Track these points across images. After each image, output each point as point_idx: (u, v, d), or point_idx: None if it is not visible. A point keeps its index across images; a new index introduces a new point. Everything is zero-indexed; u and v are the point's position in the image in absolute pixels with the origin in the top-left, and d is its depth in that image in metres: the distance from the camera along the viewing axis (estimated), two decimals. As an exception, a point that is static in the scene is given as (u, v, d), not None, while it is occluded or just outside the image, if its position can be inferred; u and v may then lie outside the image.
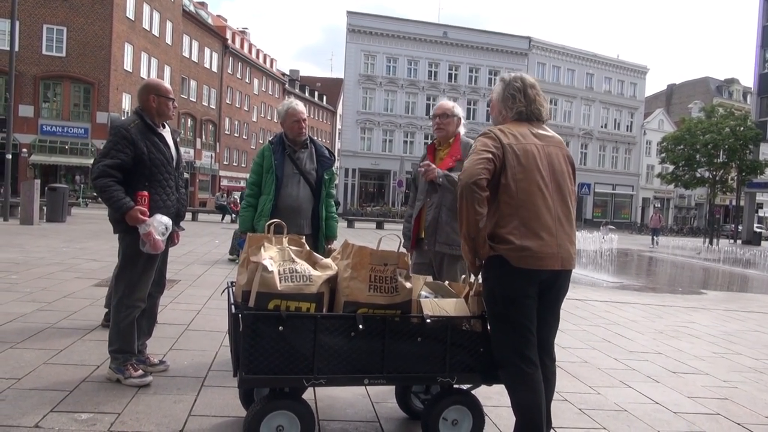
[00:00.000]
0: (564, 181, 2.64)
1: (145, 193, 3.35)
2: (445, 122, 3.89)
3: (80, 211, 23.09)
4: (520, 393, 2.57)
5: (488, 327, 2.72)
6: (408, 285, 2.69)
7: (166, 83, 3.69)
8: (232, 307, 2.65)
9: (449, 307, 2.76)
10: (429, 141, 4.60)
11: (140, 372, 3.45)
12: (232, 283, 2.91)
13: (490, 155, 2.51)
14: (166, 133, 3.62)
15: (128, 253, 3.43)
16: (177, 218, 3.66)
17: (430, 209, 3.77)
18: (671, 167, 41.96)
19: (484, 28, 67.18)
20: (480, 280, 2.74)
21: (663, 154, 41.73)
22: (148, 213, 3.31)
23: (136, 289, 3.47)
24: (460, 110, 3.99)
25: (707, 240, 34.99)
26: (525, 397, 2.56)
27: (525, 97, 2.69)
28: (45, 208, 16.41)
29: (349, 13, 46.60)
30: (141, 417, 2.96)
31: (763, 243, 36.96)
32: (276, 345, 2.46)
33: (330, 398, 3.42)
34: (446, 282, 3.10)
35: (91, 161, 32.79)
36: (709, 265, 19.91)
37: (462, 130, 3.95)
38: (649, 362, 4.97)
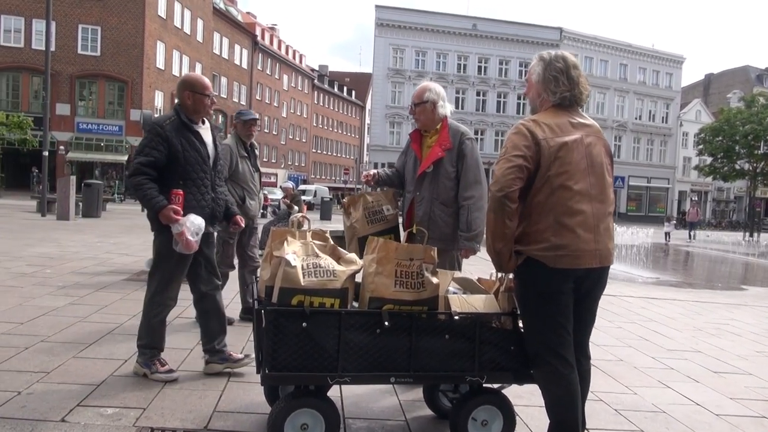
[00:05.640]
0: (603, 174, 2.48)
1: (180, 191, 3.27)
2: (419, 110, 3.57)
3: (115, 207, 23.57)
4: (555, 395, 2.45)
5: (520, 324, 2.62)
6: (435, 280, 2.59)
7: (204, 78, 3.53)
8: (255, 302, 2.60)
9: (478, 303, 2.66)
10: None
11: (167, 367, 3.44)
12: (256, 277, 2.86)
13: (521, 161, 2.34)
14: (205, 130, 3.52)
15: (161, 252, 3.40)
16: (212, 218, 3.52)
17: (421, 203, 3.54)
18: (709, 159, 40.74)
19: (514, 19, 66.52)
20: (510, 276, 2.63)
21: (701, 146, 40.55)
22: (181, 212, 3.23)
23: (169, 287, 3.43)
24: (434, 92, 3.55)
25: (747, 234, 33.89)
26: (560, 399, 2.44)
27: (568, 79, 2.49)
28: (80, 203, 16.77)
29: (378, 7, 46.46)
30: (166, 412, 2.94)
31: (806, 237, 35.64)
32: (299, 342, 2.40)
33: (355, 395, 3.36)
34: (476, 277, 2.99)
35: (126, 158, 33.58)
36: (750, 260, 19.26)
37: (444, 112, 3.57)
38: (688, 361, 4.77)
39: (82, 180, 19.43)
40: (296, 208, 10.74)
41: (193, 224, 3.22)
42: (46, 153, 17.71)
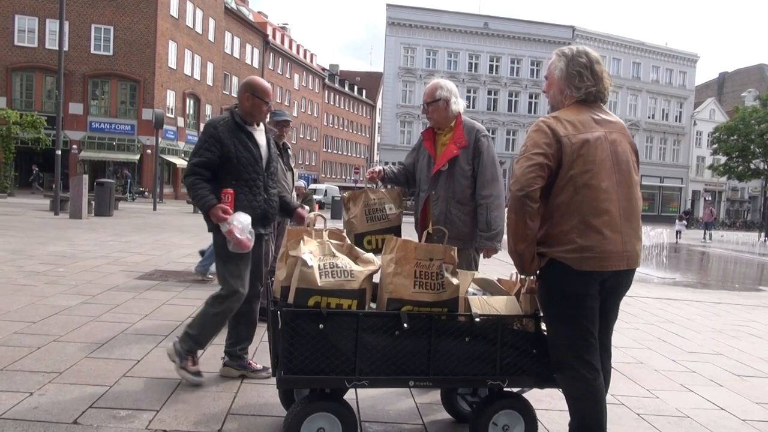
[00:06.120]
0: (629, 172, 2.38)
1: (230, 190, 3.24)
2: (431, 109, 3.49)
3: (127, 206, 23.68)
4: (580, 400, 2.37)
5: (543, 327, 2.53)
6: (455, 281, 2.52)
7: (266, 83, 3.48)
8: (271, 303, 2.53)
9: (499, 305, 2.58)
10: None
11: (197, 369, 3.34)
12: (271, 278, 2.80)
13: (542, 158, 2.26)
14: (259, 131, 3.49)
15: (219, 252, 3.36)
16: (264, 219, 3.45)
17: (436, 203, 3.46)
18: (723, 158, 40.28)
19: (525, 17, 66.23)
20: (533, 277, 2.55)
21: (715, 145, 40.12)
22: (231, 211, 3.18)
23: (231, 285, 3.33)
24: (446, 89, 3.47)
25: (763, 234, 33.45)
26: (585, 404, 2.36)
27: (593, 74, 2.40)
28: (93, 202, 16.84)
29: (389, 5, 46.37)
30: (179, 415, 2.89)
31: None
32: (316, 344, 2.33)
33: (371, 398, 3.29)
34: (496, 278, 2.91)
35: (137, 157, 33.75)
36: (766, 261, 18.97)
37: (457, 108, 3.49)
38: (710, 364, 4.67)
39: (95, 179, 19.52)
40: (308, 207, 10.69)
41: (241, 222, 3.15)
42: (59, 152, 17.80)
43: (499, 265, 8.97)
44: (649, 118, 52.18)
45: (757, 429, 3.31)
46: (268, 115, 4.92)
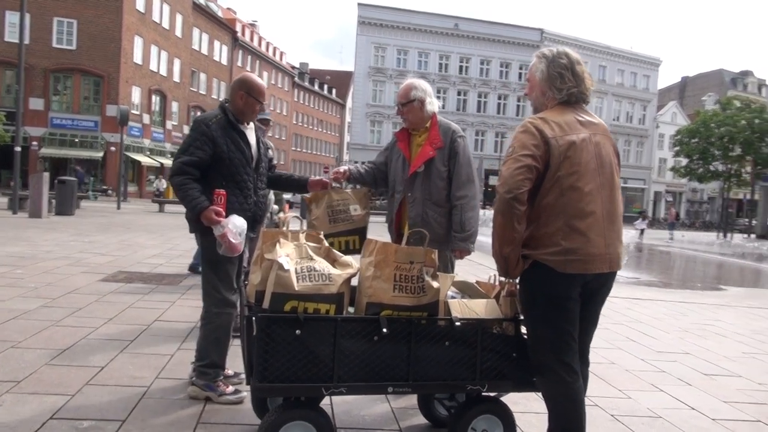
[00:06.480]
0: (612, 174, 2.37)
1: (223, 191, 3.06)
2: (406, 110, 3.41)
3: (90, 205, 23.04)
4: (560, 403, 2.35)
5: (523, 330, 2.50)
6: (436, 284, 2.47)
7: (262, 83, 3.33)
8: (245, 308, 2.44)
9: (479, 308, 2.54)
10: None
11: (233, 388, 3.18)
12: (245, 281, 2.70)
13: (530, 160, 2.22)
14: (250, 130, 3.34)
15: (207, 257, 3.17)
16: (253, 223, 3.30)
17: (413, 204, 3.39)
18: (685, 160, 41.38)
19: (495, 19, 66.83)
20: (513, 280, 2.51)
21: (677, 147, 41.15)
22: (224, 213, 3.02)
23: (222, 291, 3.17)
24: (421, 90, 3.40)
25: (721, 234, 34.51)
26: (564, 408, 2.34)
27: (574, 75, 2.38)
28: (54, 201, 16.33)
29: (360, 5, 46.27)
30: (146, 425, 2.77)
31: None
32: (293, 350, 2.25)
33: (346, 403, 3.22)
34: (475, 281, 2.87)
35: (101, 154, 32.89)
36: (726, 260, 19.56)
37: (432, 108, 3.42)
38: (679, 363, 4.74)
39: (56, 176, 18.92)
40: (277, 207, 10.54)
41: (236, 226, 3.00)
42: (18, 149, 17.18)
43: (471, 266, 9.00)
44: (614, 120, 53.27)
45: (727, 428, 3.36)
46: None
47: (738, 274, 15.62)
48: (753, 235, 35.75)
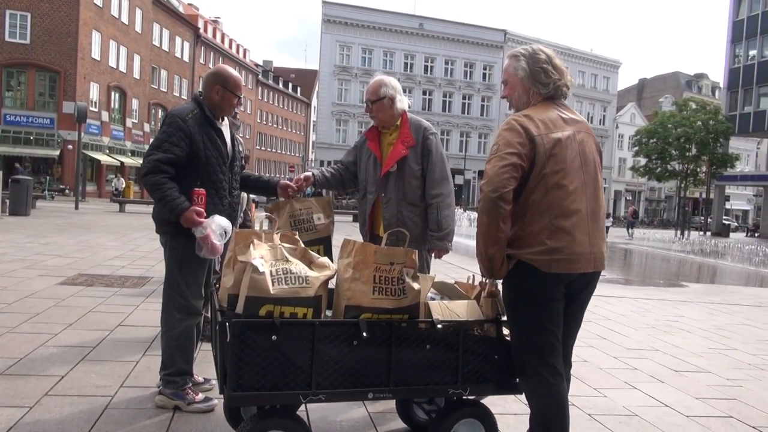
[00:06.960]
0: (595, 173, 2.35)
1: (202, 190, 2.88)
2: (375, 108, 3.32)
3: (46, 204, 22.25)
4: (544, 405, 2.30)
5: (506, 332, 2.45)
6: (416, 286, 2.39)
7: (238, 76, 3.19)
8: (218, 313, 2.32)
9: (460, 309, 2.48)
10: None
11: (202, 396, 3.03)
12: (217, 285, 2.57)
13: (515, 158, 2.17)
14: (225, 127, 3.17)
15: (176, 259, 2.99)
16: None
17: (387, 205, 3.31)
18: (644, 160, 42.51)
19: (459, 20, 67.25)
20: (494, 280, 2.46)
21: (636, 148, 42.24)
22: (204, 214, 2.86)
23: (189, 297, 3.01)
24: (390, 87, 3.33)
25: (679, 232, 35.55)
26: (549, 409, 2.29)
27: (555, 69, 2.34)
28: (8, 201, 15.72)
29: (325, 3, 46.01)
30: (111, 437, 2.62)
31: (731, 235, 37.79)
32: (269, 357, 2.14)
33: (322, 409, 3.11)
34: (454, 281, 2.81)
35: (57, 152, 31.81)
36: (684, 257, 20.13)
37: (402, 106, 3.36)
38: (649, 360, 4.79)
39: (10, 175, 18.20)
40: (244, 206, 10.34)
41: (219, 226, 2.84)
42: (-32, 146, 16.49)
43: (444, 266, 8.98)
44: (575, 120, 54.33)
45: (701, 425, 3.39)
46: None
47: (697, 271, 16.07)
48: (708, 233, 36.98)
